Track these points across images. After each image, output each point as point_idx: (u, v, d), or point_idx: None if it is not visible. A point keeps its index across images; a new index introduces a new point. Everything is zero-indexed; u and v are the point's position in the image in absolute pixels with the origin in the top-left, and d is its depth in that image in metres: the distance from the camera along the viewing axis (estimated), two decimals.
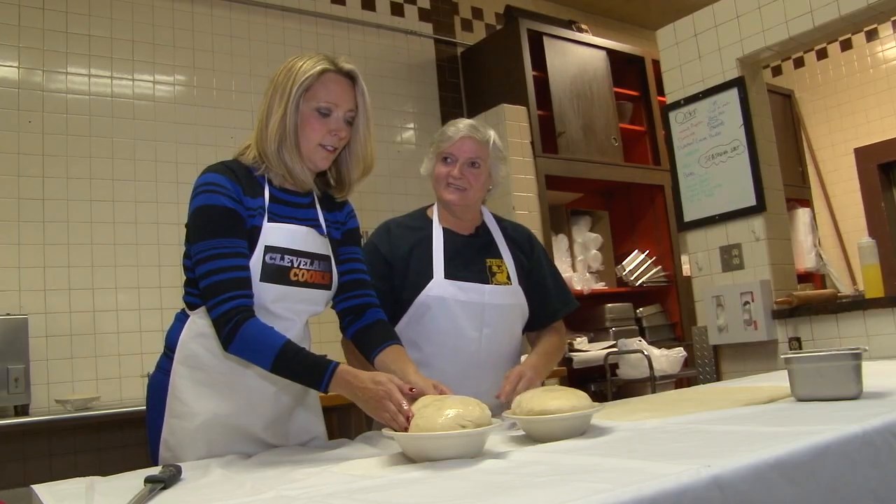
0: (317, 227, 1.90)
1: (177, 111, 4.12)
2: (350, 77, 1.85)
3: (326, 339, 3.21)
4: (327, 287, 1.90)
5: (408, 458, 1.42)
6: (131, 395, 3.67)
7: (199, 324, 1.80)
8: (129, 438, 3.60)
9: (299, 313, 1.86)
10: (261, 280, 1.75)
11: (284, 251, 1.79)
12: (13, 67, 3.69)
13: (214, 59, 4.31)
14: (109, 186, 3.84)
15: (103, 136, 3.87)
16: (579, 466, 1.19)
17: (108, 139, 3.88)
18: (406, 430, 1.48)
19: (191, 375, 1.80)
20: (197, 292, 1.76)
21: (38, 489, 1.42)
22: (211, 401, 1.79)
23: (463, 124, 2.21)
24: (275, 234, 1.78)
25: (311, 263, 1.84)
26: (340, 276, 1.95)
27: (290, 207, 1.87)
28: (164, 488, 1.34)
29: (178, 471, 1.45)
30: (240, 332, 1.64)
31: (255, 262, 1.74)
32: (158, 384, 1.85)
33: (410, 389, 1.60)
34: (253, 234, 1.76)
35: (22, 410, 3.14)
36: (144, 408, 2.67)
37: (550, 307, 2.31)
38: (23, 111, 3.67)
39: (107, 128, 3.89)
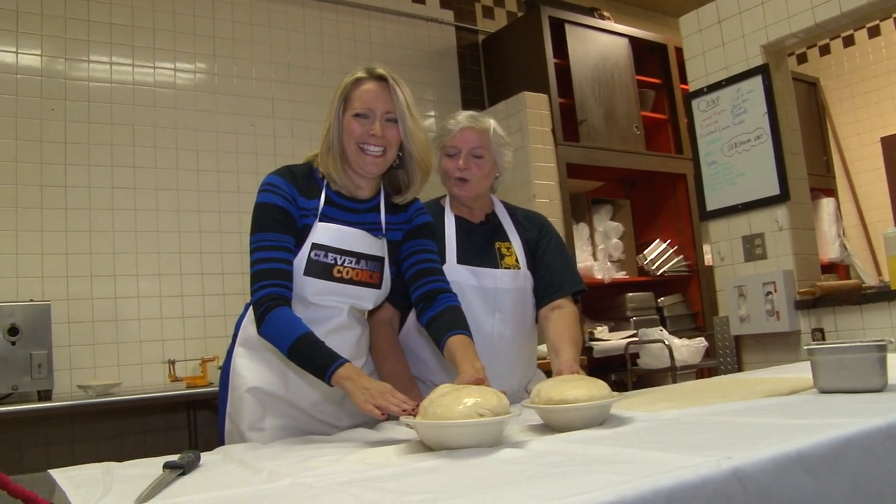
0: (373, 230, 1.98)
1: (197, 99, 4.14)
2: (383, 80, 1.91)
3: None
4: (375, 286, 1.98)
5: (425, 447, 1.42)
6: (152, 382, 3.70)
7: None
8: (151, 424, 3.64)
9: (342, 304, 1.95)
10: (304, 274, 1.87)
11: (329, 249, 1.89)
12: (36, 56, 3.72)
13: (235, 46, 4.31)
14: (130, 174, 3.86)
15: (124, 123, 3.89)
16: (597, 457, 1.18)
17: (130, 127, 3.90)
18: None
19: (248, 354, 1.96)
20: None
21: (56, 474, 1.42)
22: (264, 375, 1.93)
23: (461, 116, 2.24)
24: (323, 233, 1.90)
25: (358, 262, 1.93)
26: (411, 268, 2.04)
27: (347, 212, 1.96)
28: (183, 474, 1.35)
29: (197, 457, 1.46)
30: (267, 318, 1.78)
31: (301, 258, 1.87)
32: (226, 368, 2.00)
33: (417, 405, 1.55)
34: (303, 233, 1.89)
35: (45, 396, 3.18)
36: (165, 394, 2.73)
37: (555, 284, 2.28)
38: (45, 99, 3.70)
39: (128, 115, 3.91)
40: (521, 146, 4.50)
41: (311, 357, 1.73)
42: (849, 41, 6.18)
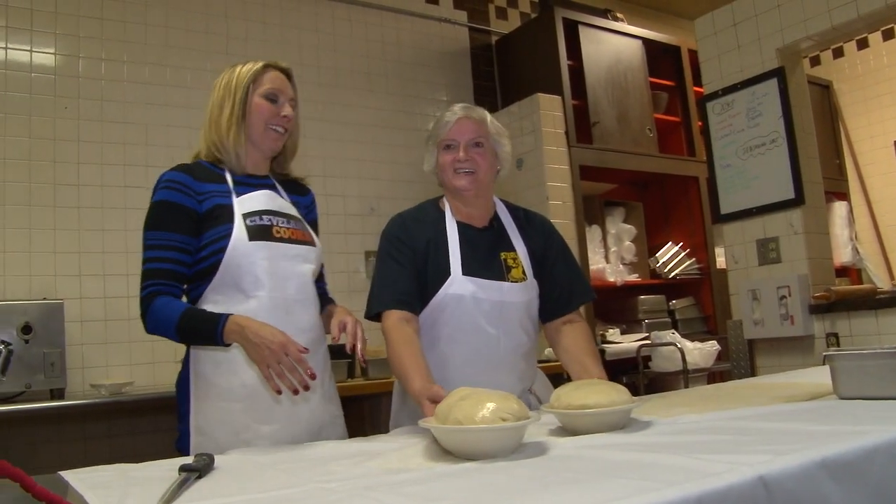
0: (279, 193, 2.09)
1: (210, 98, 4.12)
2: (287, 73, 2.13)
3: None
4: (311, 244, 2.05)
5: (445, 451, 1.41)
6: (164, 381, 3.70)
7: (206, 308, 1.90)
8: (163, 423, 3.62)
9: (296, 269, 1.97)
10: (249, 240, 1.88)
11: (261, 212, 1.95)
12: (50, 54, 3.72)
13: (247, 46, 4.31)
14: (143, 173, 3.85)
15: (137, 122, 3.89)
16: (621, 462, 1.17)
17: (143, 126, 3.90)
18: (306, 387, 1.68)
19: (208, 357, 1.90)
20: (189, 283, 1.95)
21: (69, 476, 1.40)
22: (232, 376, 1.88)
23: (456, 107, 2.21)
24: (247, 202, 1.95)
25: (288, 222, 2.01)
26: None
27: (253, 188, 2.02)
28: (199, 477, 1.34)
29: (212, 460, 1.44)
30: (148, 314, 1.82)
31: (239, 229, 1.89)
32: (183, 378, 1.95)
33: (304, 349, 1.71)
34: (222, 212, 1.92)
35: (58, 394, 3.18)
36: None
37: (564, 298, 2.25)
38: (59, 97, 3.70)
39: (141, 114, 3.91)
40: (534, 148, 4.49)
41: (198, 329, 1.78)
42: (863, 44, 6.15)
